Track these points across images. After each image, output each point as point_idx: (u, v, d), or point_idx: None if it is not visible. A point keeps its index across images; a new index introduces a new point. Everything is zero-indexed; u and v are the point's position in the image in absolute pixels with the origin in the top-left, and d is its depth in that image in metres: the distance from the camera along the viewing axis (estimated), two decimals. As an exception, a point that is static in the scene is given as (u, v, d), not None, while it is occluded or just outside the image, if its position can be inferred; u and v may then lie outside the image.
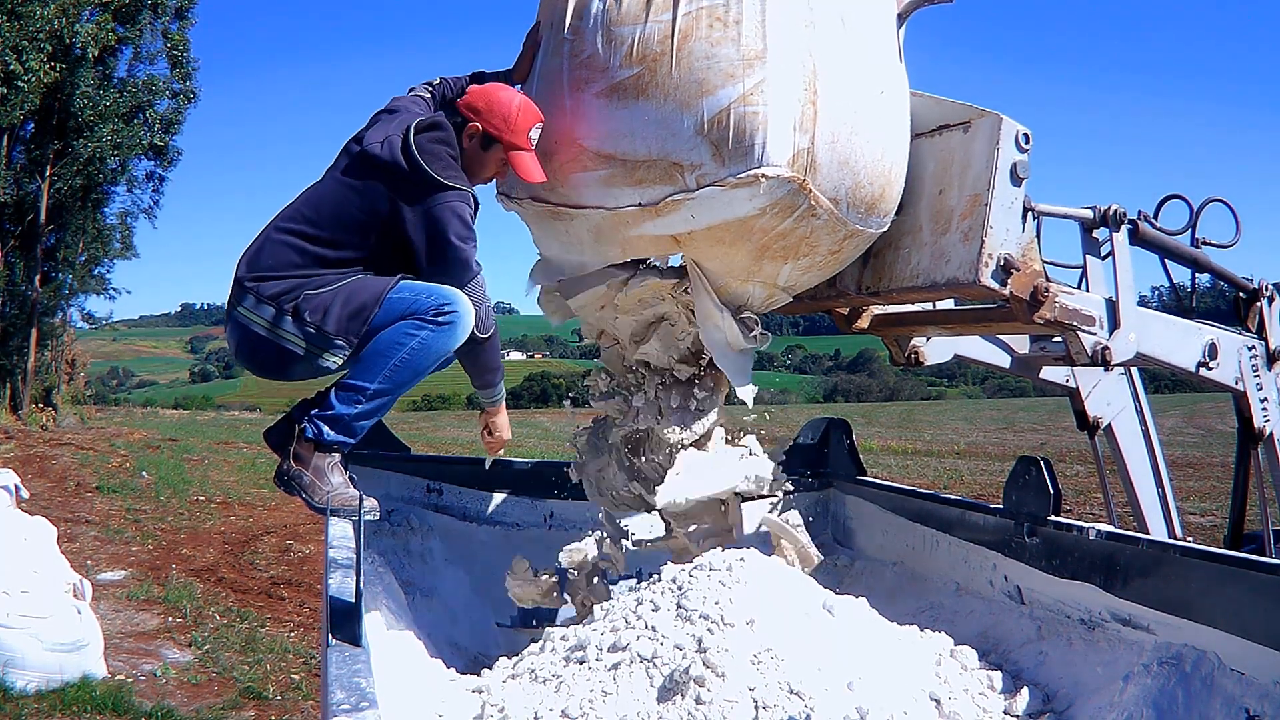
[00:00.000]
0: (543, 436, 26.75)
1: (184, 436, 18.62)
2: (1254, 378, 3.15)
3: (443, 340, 2.39)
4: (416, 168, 2.40)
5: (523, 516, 3.32)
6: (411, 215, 2.40)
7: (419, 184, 2.40)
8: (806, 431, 3.72)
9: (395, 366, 2.38)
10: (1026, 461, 2.72)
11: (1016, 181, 2.50)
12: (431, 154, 2.43)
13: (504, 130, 2.51)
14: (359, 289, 2.39)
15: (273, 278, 2.41)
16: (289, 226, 2.46)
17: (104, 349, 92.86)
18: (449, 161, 2.46)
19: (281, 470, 2.46)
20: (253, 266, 2.44)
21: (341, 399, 2.41)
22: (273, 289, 2.39)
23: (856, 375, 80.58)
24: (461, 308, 2.39)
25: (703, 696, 2.04)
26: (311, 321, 2.36)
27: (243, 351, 2.50)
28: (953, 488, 13.42)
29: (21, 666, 4.14)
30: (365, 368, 2.39)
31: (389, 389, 2.41)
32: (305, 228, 2.45)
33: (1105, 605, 2.38)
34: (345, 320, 2.36)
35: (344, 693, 1.35)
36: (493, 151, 2.55)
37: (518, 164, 2.54)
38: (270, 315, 2.39)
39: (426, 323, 2.37)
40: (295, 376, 2.49)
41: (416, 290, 2.41)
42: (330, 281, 2.40)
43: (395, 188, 2.42)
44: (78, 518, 8.43)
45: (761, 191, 2.36)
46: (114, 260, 21.14)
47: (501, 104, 2.53)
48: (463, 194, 2.44)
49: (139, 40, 19.46)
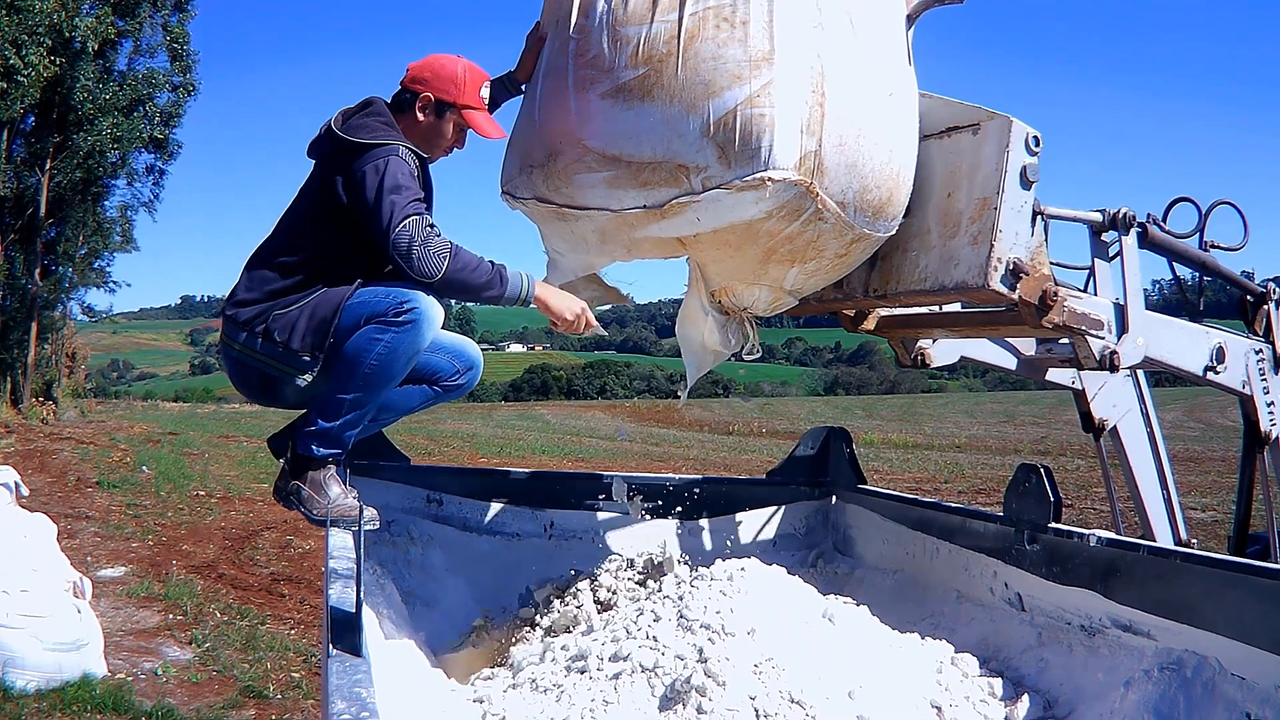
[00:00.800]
0: (543, 429, 26.86)
1: (184, 430, 18.66)
2: (1261, 381, 3.13)
3: (408, 340, 2.37)
4: (338, 140, 2.42)
5: (523, 526, 3.31)
6: (341, 179, 2.40)
7: (346, 151, 2.41)
8: (807, 441, 3.71)
9: (366, 374, 2.38)
10: (1027, 469, 2.70)
11: (1026, 185, 2.47)
12: (359, 126, 2.44)
13: (454, 93, 2.53)
14: (321, 302, 2.40)
15: (248, 303, 2.44)
16: (265, 251, 2.51)
17: (104, 342, 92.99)
18: (377, 127, 2.45)
19: (279, 486, 2.49)
20: (233, 296, 2.49)
21: (323, 414, 2.43)
22: (247, 314, 2.43)
23: (857, 368, 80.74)
24: (421, 304, 2.37)
25: (704, 706, 2.03)
26: (280, 340, 2.39)
27: (236, 381, 2.56)
28: (954, 482, 13.44)
29: (21, 666, 4.13)
30: (337, 379, 2.40)
31: (366, 397, 2.42)
32: (272, 243, 2.51)
33: (1106, 611, 2.37)
34: (309, 335, 2.37)
35: (345, 703, 1.35)
36: (448, 116, 2.56)
37: (474, 123, 2.56)
38: (244, 339, 2.43)
39: (389, 325, 2.36)
40: (286, 401, 2.52)
41: (375, 293, 2.40)
42: (296, 300, 2.42)
43: (328, 166, 2.45)
44: (78, 513, 8.44)
45: (768, 195, 2.33)
46: (114, 253, 21.19)
47: (446, 68, 2.55)
48: (388, 149, 2.40)
49: (139, 33, 19.46)
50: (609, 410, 38.69)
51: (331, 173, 2.43)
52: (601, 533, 3.37)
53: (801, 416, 32.24)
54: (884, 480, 12.91)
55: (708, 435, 25.88)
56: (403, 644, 2.47)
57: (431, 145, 2.57)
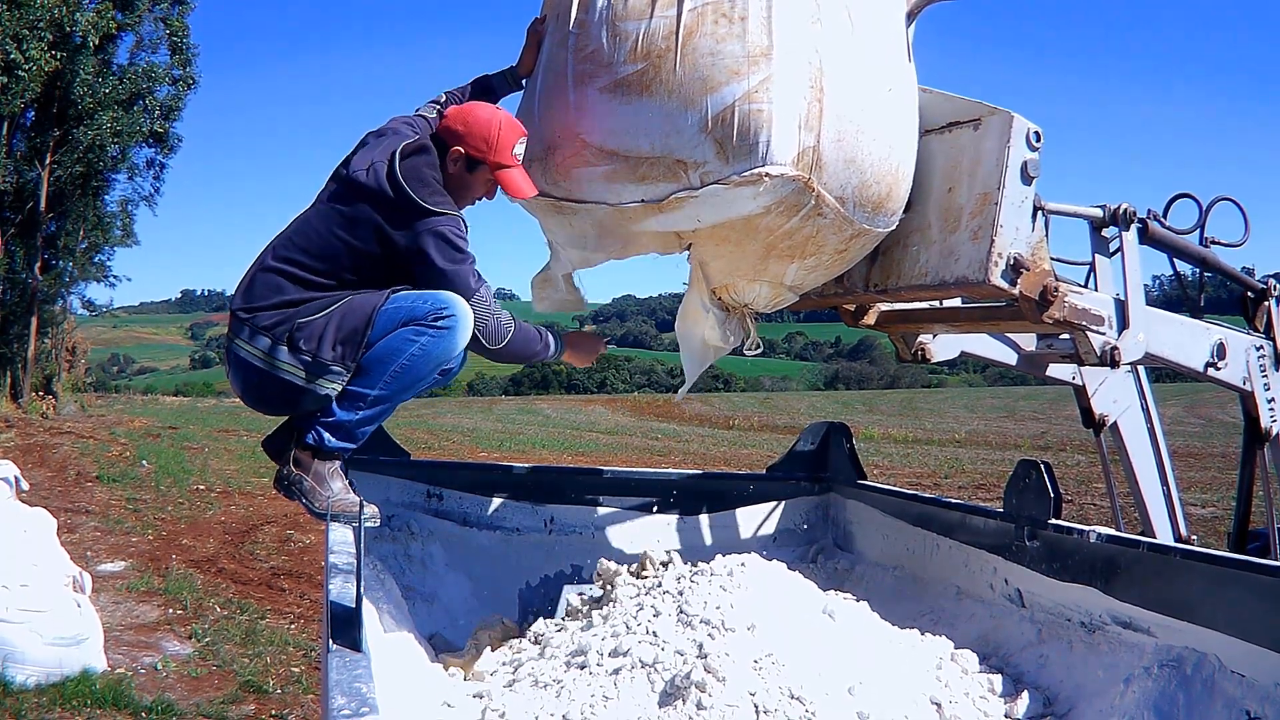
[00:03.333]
0: (544, 424, 26.85)
1: (184, 424, 18.68)
2: (1261, 378, 3.13)
3: (443, 344, 2.36)
4: (401, 193, 2.36)
5: (523, 521, 3.31)
6: (402, 241, 2.37)
7: (405, 210, 2.36)
8: (806, 436, 3.71)
9: (396, 373, 2.36)
10: (1027, 465, 2.70)
11: (1027, 180, 2.47)
12: (418, 179, 2.39)
13: (487, 151, 2.48)
14: (350, 311, 2.35)
15: (267, 308, 2.37)
16: (282, 255, 2.42)
17: (104, 335, 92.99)
18: (435, 186, 2.42)
19: (281, 475, 2.45)
20: (247, 298, 2.41)
21: (343, 405, 2.39)
22: (268, 319, 2.36)
23: (857, 362, 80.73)
24: (459, 311, 2.36)
25: (704, 701, 2.03)
26: (307, 350, 2.32)
27: (248, 391, 2.45)
28: (954, 477, 13.44)
29: (21, 661, 4.13)
30: (366, 374, 2.37)
31: (390, 395, 2.40)
32: (298, 256, 2.41)
33: (1106, 608, 2.37)
34: (340, 345, 2.33)
35: (345, 698, 1.35)
36: (479, 173, 2.51)
37: (506, 183, 2.51)
38: (266, 346, 2.35)
39: (426, 328, 2.34)
40: (303, 408, 2.43)
41: (412, 298, 2.38)
42: (322, 306, 2.36)
43: (382, 214, 2.38)
44: (78, 508, 8.44)
45: (765, 190, 2.33)
46: (114, 247, 21.18)
47: (481, 125, 2.48)
48: (450, 218, 2.39)
49: (138, 27, 19.42)
50: (609, 404, 38.71)
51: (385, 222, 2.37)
52: (602, 528, 3.37)
53: (802, 411, 32.24)
54: (884, 475, 12.92)
55: (708, 430, 25.89)
56: (403, 639, 2.48)
57: (460, 196, 2.53)
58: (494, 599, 3.09)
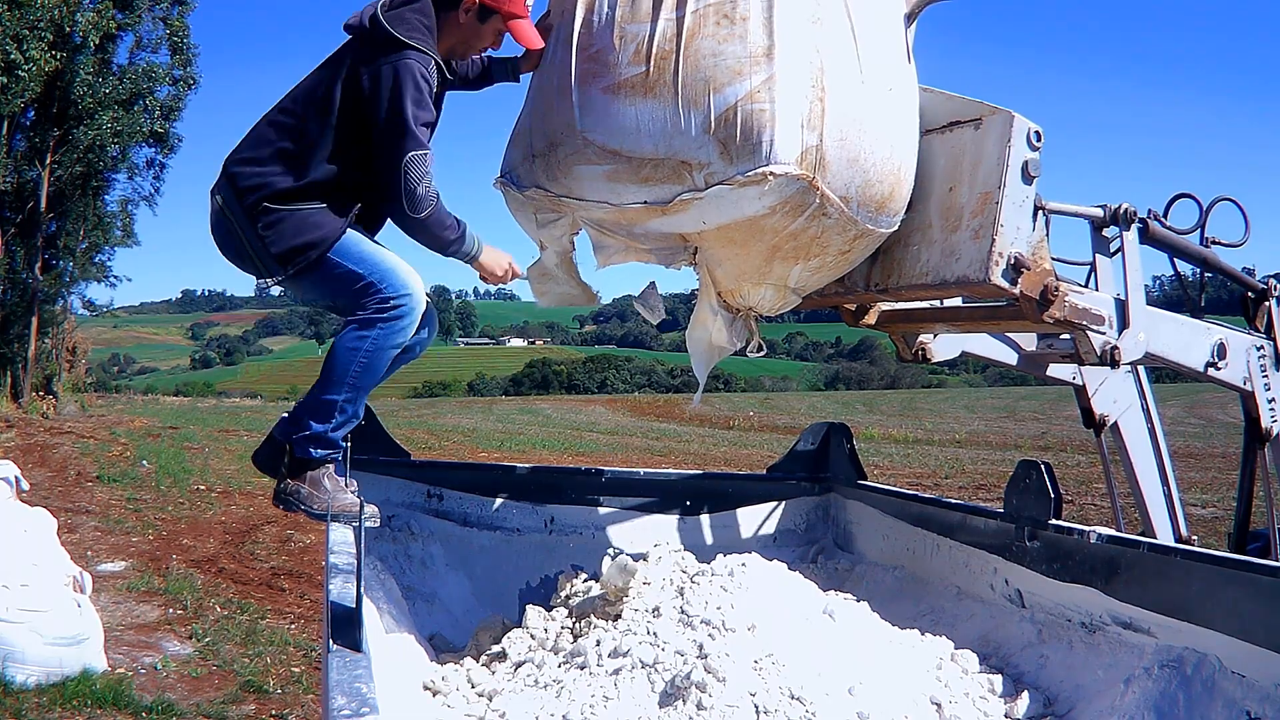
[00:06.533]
0: (544, 424, 26.85)
1: (184, 424, 18.66)
2: (1262, 378, 3.13)
3: (393, 335, 2.42)
4: (379, 28, 2.41)
5: (523, 522, 3.31)
6: (367, 73, 2.40)
7: (379, 42, 2.41)
8: (807, 437, 3.71)
9: (356, 374, 2.42)
10: (1027, 465, 2.70)
11: (1028, 179, 2.47)
12: (399, 19, 2.43)
13: (502, 1, 2.52)
14: (312, 222, 2.41)
15: (248, 162, 2.45)
16: (271, 111, 2.52)
17: (104, 336, 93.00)
18: (417, 26, 2.45)
19: (278, 491, 2.50)
20: (237, 150, 2.51)
21: (316, 417, 2.45)
22: (245, 182, 2.43)
23: (858, 362, 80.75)
24: (411, 300, 2.42)
25: (704, 702, 2.03)
26: (263, 234, 2.41)
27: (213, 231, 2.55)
28: (954, 477, 13.43)
29: (21, 661, 4.13)
30: (328, 382, 2.43)
31: (356, 395, 2.46)
32: (283, 104, 2.51)
33: (1106, 609, 2.37)
34: (289, 250, 2.40)
35: (345, 698, 1.35)
36: (490, 23, 2.56)
37: (517, 31, 2.56)
38: (235, 207, 2.44)
39: (375, 319, 2.39)
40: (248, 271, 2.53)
41: (364, 262, 2.42)
42: (291, 198, 2.41)
43: (358, 50, 2.45)
44: (78, 507, 8.44)
45: (770, 189, 2.33)
46: (114, 247, 21.15)
47: None
48: (422, 55, 2.42)
49: (138, 27, 19.40)
50: (609, 404, 38.71)
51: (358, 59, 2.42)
52: (602, 528, 3.37)
53: (802, 411, 32.24)
54: (884, 475, 12.91)
55: (708, 430, 25.89)
56: (403, 639, 2.48)
57: (468, 46, 2.60)
58: (494, 599, 3.09)
